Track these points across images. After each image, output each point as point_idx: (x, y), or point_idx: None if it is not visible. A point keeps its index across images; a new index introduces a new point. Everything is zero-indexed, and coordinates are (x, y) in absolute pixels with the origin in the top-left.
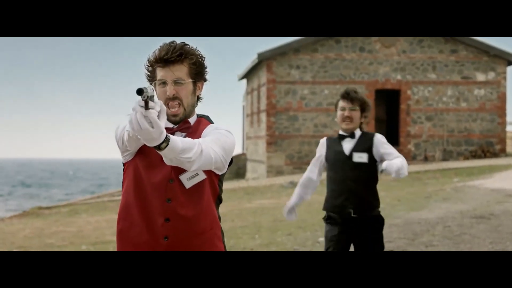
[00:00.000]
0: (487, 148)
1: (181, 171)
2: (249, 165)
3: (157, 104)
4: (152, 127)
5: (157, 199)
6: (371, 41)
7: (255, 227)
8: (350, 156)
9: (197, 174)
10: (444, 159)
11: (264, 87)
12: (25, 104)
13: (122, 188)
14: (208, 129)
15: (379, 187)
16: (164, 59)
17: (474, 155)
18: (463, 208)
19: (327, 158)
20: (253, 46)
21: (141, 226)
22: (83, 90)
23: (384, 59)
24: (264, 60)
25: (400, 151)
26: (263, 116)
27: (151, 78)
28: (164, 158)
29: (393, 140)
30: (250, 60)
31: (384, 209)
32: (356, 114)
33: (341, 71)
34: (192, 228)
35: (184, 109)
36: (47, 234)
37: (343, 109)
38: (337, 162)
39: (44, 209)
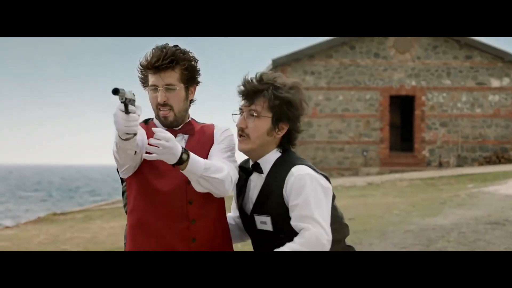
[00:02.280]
0: (502, 154)
1: None
2: None
3: (139, 109)
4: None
5: (178, 203)
6: (385, 47)
7: None
8: (252, 217)
9: None
10: (459, 165)
11: None
12: (38, 109)
13: (126, 206)
14: (219, 136)
15: (392, 192)
16: (155, 66)
17: (489, 161)
18: (477, 214)
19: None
20: (268, 52)
21: (164, 236)
22: (98, 95)
23: (399, 65)
24: (279, 66)
25: (414, 157)
26: None
27: (144, 82)
28: (192, 182)
29: (408, 146)
30: (264, 66)
31: (398, 215)
32: (260, 124)
33: (356, 77)
34: (216, 227)
35: (175, 114)
36: (61, 240)
37: (241, 113)
38: (242, 221)
39: (58, 215)
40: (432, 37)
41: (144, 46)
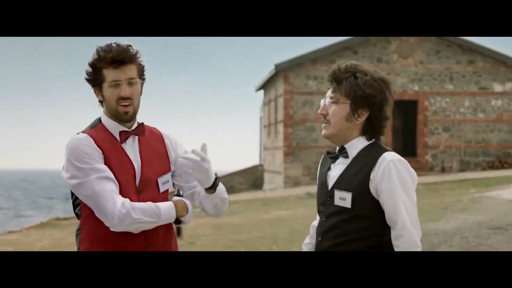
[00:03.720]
0: (505, 159)
1: (159, 174)
2: (266, 176)
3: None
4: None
5: None
6: (388, 51)
7: (272, 238)
8: (332, 193)
9: (168, 181)
10: (461, 170)
11: (281, 98)
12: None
13: (80, 210)
14: (179, 147)
15: None
16: (118, 60)
17: (492, 166)
18: (480, 219)
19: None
20: (270, 57)
21: (119, 243)
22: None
23: (402, 70)
24: (281, 71)
25: (417, 162)
26: (280, 127)
27: (94, 81)
28: (209, 205)
29: (411, 151)
30: (267, 71)
31: None
32: (339, 110)
33: None
34: (170, 232)
35: (134, 109)
36: (64, 245)
37: (324, 99)
38: (319, 199)
39: (61, 220)
40: (435, 42)
41: (146, 46)
